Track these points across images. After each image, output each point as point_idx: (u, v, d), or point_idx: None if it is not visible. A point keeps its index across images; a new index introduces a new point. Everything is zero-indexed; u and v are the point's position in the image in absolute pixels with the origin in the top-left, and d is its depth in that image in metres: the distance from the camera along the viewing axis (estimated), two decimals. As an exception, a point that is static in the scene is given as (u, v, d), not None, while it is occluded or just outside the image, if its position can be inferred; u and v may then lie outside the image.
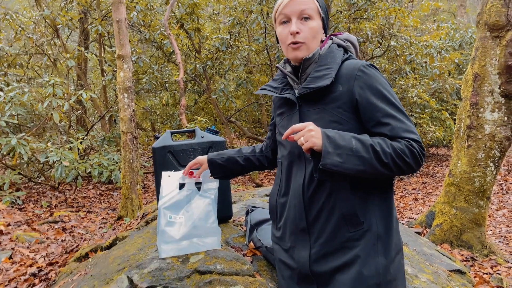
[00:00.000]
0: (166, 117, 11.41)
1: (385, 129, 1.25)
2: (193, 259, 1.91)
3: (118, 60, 4.64)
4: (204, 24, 9.10)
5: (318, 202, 1.32)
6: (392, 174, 1.24)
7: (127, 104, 4.64)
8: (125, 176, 4.74)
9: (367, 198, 1.29)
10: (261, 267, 1.93)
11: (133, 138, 4.71)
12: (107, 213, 5.63)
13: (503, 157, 3.76)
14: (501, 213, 5.98)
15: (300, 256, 1.37)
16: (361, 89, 1.29)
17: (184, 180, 2.05)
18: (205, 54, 9.09)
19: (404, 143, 1.22)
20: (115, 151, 7.85)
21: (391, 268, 1.28)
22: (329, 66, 1.34)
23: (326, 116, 1.31)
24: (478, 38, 3.81)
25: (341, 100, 1.31)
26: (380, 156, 1.18)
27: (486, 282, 2.65)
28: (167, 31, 6.56)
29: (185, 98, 6.34)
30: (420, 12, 8.45)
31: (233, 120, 10.02)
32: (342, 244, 1.28)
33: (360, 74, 1.30)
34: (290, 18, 1.36)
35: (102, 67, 8.94)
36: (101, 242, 3.01)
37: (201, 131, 2.39)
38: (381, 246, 1.28)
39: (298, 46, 1.36)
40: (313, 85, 1.32)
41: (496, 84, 3.65)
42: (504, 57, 3.58)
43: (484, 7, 3.74)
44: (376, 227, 1.28)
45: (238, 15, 7.71)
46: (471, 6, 17.79)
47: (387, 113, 1.26)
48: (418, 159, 1.22)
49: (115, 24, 4.60)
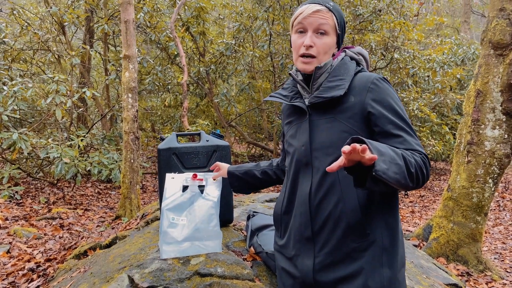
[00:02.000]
0: (166, 119, 11.43)
1: (397, 140, 1.25)
2: (194, 261, 1.93)
3: (124, 60, 4.67)
4: (209, 28, 9.15)
5: (325, 211, 1.32)
6: (411, 187, 1.17)
7: (131, 104, 4.66)
8: (125, 176, 4.75)
9: (373, 209, 1.30)
10: (260, 272, 1.95)
11: (135, 138, 4.73)
12: (104, 212, 5.63)
13: (502, 174, 3.79)
14: (497, 230, 6.00)
15: (303, 265, 1.36)
16: (373, 101, 1.30)
17: (187, 182, 2.07)
18: (209, 58, 9.14)
19: (419, 155, 1.21)
20: (115, 150, 7.87)
21: (396, 281, 1.28)
22: (342, 77, 1.36)
23: (337, 125, 1.32)
24: (482, 56, 3.85)
25: (352, 111, 1.32)
26: (408, 165, 1.12)
27: (481, 297, 2.67)
28: (173, 33, 6.60)
29: (187, 101, 6.37)
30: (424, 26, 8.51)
31: (233, 124, 10.05)
32: (347, 254, 1.28)
33: (373, 86, 1.32)
34: (307, 29, 1.38)
35: (106, 66, 8.97)
36: (100, 240, 3.02)
37: (206, 134, 2.41)
38: (386, 258, 1.28)
39: (309, 61, 1.38)
40: (326, 94, 1.33)
41: (498, 101, 3.69)
42: (507, 75, 3.62)
43: (489, 25, 3.79)
44: (381, 239, 1.28)
45: (244, 21, 7.76)
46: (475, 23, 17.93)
47: (398, 126, 1.27)
48: (428, 174, 1.23)
49: (123, 24, 4.63)
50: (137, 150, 4.80)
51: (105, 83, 8.64)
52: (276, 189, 8.40)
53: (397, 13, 7.56)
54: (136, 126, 4.73)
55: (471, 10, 15.64)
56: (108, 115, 8.19)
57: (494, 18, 3.73)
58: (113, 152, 7.12)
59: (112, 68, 8.98)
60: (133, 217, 4.65)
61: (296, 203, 1.42)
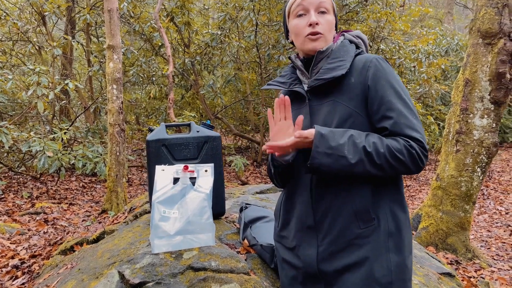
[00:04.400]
0: (151, 111, 11.27)
1: (387, 123, 1.23)
2: (187, 255, 1.87)
3: (108, 51, 4.54)
4: (194, 18, 9.01)
5: (328, 198, 1.28)
6: (385, 175, 1.22)
7: (116, 95, 4.55)
8: (111, 169, 4.65)
9: (378, 193, 1.26)
10: (255, 265, 1.91)
11: (121, 130, 4.63)
12: (90, 206, 5.52)
13: (490, 163, 3.82)
14: (482, 218, 6.08)
15: (306, 255, 1.32)
16: (372, 79, 1.27)
17: (178, 175, 2.01)
18: (194, 49, 9.01)
19: (403, 142, 1.19)
20: (99, 143, 7.72)
21: (404, 267, 1.24)
22: (342, 59, 1.33)
23: (339, 108, 1.29)
24: (470, 45, 3.85)
25: (354, 91, 1.29)
26: (373, 158, 1.18)
27: (474, 286, 2.68)
28: (158, 23, 6.46)
29: (173, 93, 6.26)
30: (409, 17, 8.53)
31: (219, 116, 9.96)
32: (352, 241, 1.24)
33: (372, 65, 1.29)
34: (309, 10, 1.36)
35: (89, 58, 8.76)
36: (87, 235, 2.94)
37: (196, 125, 2.35)
38: (393, 244, 1.24)
39: (317, 38, 1.35)
40: (326, 75, 1.30)
41: (487, 90, 3.70)
42: (495, 64, 3.63)
43: (477, 14, 3.78)
44: (386, 224, 1.25)
45: (230, 11, 7.65)
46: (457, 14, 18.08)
47: (392, 106, 1.24)
48: (416, 160, 1.20)
49: (106, 13, 4.50)
50: (123, 142, 4.70)
51: (88, 75, 8.44)
52: (264, 180, 8.37)
53: (383, 3, 7.54)
54: (121, 118, 4.63)
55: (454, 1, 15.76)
56: (91, 108, 8.01)
57: (483, 7, 3.72)
58: (98, 145, 6.97)
59: (95, 59, 8.78)
60: (120, 211, 4.57)
61: (297, 191, 1.38)
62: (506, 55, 3.60)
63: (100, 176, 6.62)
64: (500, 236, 5.22)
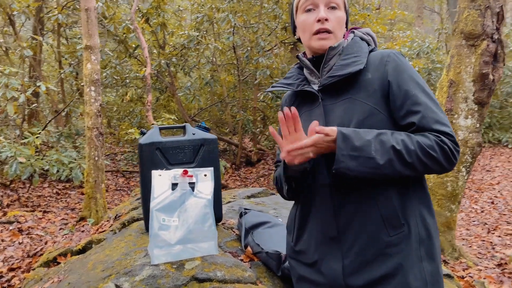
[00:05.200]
0: (125, 114, 11.00)
1: (415, 117, 1.15)
2: (189, 265, 1.77)
3: (86, 51, 4.35)
4: (169, 19, 8.83)
5: (351, 205, 1.18)
6: (418, 174, 1.14)
7: (94, 97, 4.36)
8: (89, 174, 4.45)
9: (405, 195, 1.18)
10: (260, 273, 1.82)
11: (99, 134, 4.44)
12: (66, 213, 5.29)
13: (474, 162, 3.87)
14: (460, 217, 6.20)
15: (331, 269, 1.20)
16: (393, 74, 1.20)
17: (176, 180, 1.91)
18: (169, 50, 8.83)
19: (434, 138, 1.11)
20: (72, 147, 7.44)
21: (439, 275, 1.17)
22: (357, 54, 1.25)
23: (357, 105, 1.20)
24: (454, 46, 3.89)
25: (371, 88, 1.21)
26: (403, 156, 1.09)
27: (471, 286, 2.68)
28: (134, 24, 6.28)
29: (151, 94, 6.09)
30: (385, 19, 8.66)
31: (196, 119, 9.81)
32: (381, 251, 1.14)
33: (390, 60, 1.22)
34: (318, 5, 1.27)
35: (60, 59, 8.45)
36: (70, 245, 2.78)
37: (192, 127, 2.25)
38: (425, 251, 1.15)
39: (326, 37, 1.27)
40: (342, 72, 1.21)
41: (471, 91, 3.74)
42: (479, 65, 3.68)
43: (460, 16, 3.83)
44: (417, 229, 1.15)
45: (207, 12, 7.54)
46: (426, 18, 18.56)
47: (418, 100, 1.16)
48: (449, 156, 1.12)
49: (83, 12, 4.31)
50: (102, 147, 4.51)
51: (59, 77, 8.13)
52: (243, 183, 8.29)
53: (359, 6, 7.61)
54: (100, 121, 4.44)
55: (423, 5, 16.17)
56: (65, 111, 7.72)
57: (466, 9, 3.77)
58: (71, 150, 6.71)
59: (65, 61, 8.47)
60: (99, 218, 4.38)
61: (315, 200, 1.26)
62: (489, 56, 3.66)
63: (74, 182, 6.37)
64: (479, 234, 5.33)
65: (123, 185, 7.73)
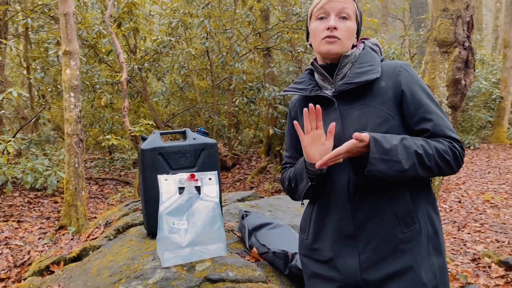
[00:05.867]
0: (94, 120, 10.78)
1: (428, 124, 1.25)
2: (199, 267, 1.80)
3: (65, 57, 4.27)
4: (141, 24, 8.75)
5: (368, 203, 1.24)
6: (432, 176, 1.24)
7: (74, 104, 4.28)
8: (69, 182, 4.36)
9: (416, 195, 1.27)
10: (268, 273, 1.88)
11: (79, 140, 4.36)
12: (41, 223, 5.14)
13: (448, 163, 4.07)
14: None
15: (347, 265, 1.27)
16: (406, 83, 1.29)
17: (182, 184, 1.94)
18: (140, 55, 8.75)
19: (447, 143, 1.22)
20: (42, 155, 7.23)
21: (445, 269, 1.26)
22: (371, 63, 1.33)
23: (371, 111, 1.28)
24: (428, 53, 4.10)
25: (386, 95, 1.29)
26: (424, 160, 1.18)
27: (456, 279, 2.83)
28: (109, 29, 6.21)
29: (127, 100, 6.03)
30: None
31: (170, 124, 9.74)
32: (395, 247, 1.22)
33: (403, 70, 1.31)
34: (329, 14, 1.33)
35: (28, 64, 8.21)
36: (62, 253, 2.73)
37: (192, 132, 2.28)
38: (432, 247, 1.25)
39: (333, 41, 1.33)
40: (359, 79, 1.29)
41: (444, 95, 3.95)
42: (452, 71, 3.89)
43: (433, 24, 4.04)
44: (426, 227, 1.25)
45: (182, 18, 7.54)
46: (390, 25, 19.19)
47: (430, 109, 1.27)
48: (459, 160, 1.23)
49: (62, 17, 4.23)
50: (82, 153, 4.43)
51: (28, 82, 7.90)
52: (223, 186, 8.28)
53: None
54: (79, 127, 4.37)
55: (388, 13, 16.73)
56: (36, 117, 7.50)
57: (438, 17, 3.98)
58: (42, 157, 6.52)
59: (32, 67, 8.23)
60: (80, 226, 4.30)
61: (332, 200, 1.32)
62: (461, 62, 3.88)
63: (47, 190, 6.19)
64: (450, 232, 5.58)
65: (97, 193, 7.57)
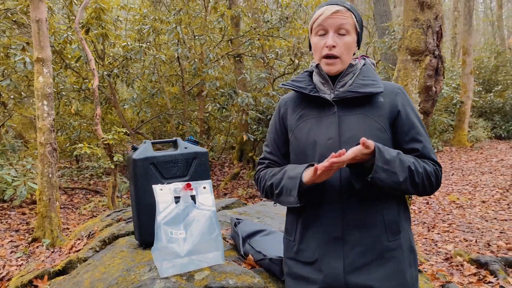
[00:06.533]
0: (60, 127, 10.46)
1: (419, 145, 1.35)
2: (198, 276, 1.81)
3: (37, 64, 4.16)
4: (108, 30, 8.60)
5: (359, 209, 1.30)
6: (415, 193, 1.31)
7: (47, 112, 4.17)
8: (42, 193, 4.23)
9: (401, 208, 1.36)
10: (265, 279, 1.91)
11: (53, 150, 4.25)
12: (11, 235, 4.95)
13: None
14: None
15: (331, 267, 1.30)
16: (402, 104, 1.39)
17: (178, 193, 1.94)
18: (109, 61, 8.61)
19: (433, 166, 1.32)
20: (7, 164, 6.96)
21: (417, 281, 1.35)
22: (374, 78, 1.40)
23: (368, 121, 1.34)
24: (400, 61, 4.26)
25: (383, 110, 1.36)
26: (414, 177, 1.25)
27: (436, 279, 2.95)
28: (79, 35, 6.07)
29: (99, 107, 5.91)
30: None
31: (140, 132, 9.59)
32: (380, 254, 1.28)
33: (400, 92, 1.41)
34: (328, 30, 1.38)
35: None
36: (45, 266, 2.66)
37: (183, 141, 2.28)
38: (413, 259, 1.34)
39: (332, 62, 1.38)
40: (363, 90, 1.35)
41: (417, 102, 4.12)
42: (423, 78, 4.06)
43: (405, 33, 4.21)
44: (408, 238, 1.34)
45: (153, 24, 7.48)
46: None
47: (420, 132, 1.37)
48: (439, 183, 1.33)
49: (34, 23, 4.12)
50: (56, 163, 4.31)
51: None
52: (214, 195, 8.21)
53: (301, 21, 7.97)
54: (53, 136, 4.25)
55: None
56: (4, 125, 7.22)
57: (410, 27, 4.16)
58: (8, 167, 6.28)
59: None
60: (55, 238, 4.17)
61: (323, 203, 1.33)
62: (431, 70, 4.06)
63: (15, 202, 5.97)
64: (421, 232, 5.78)
65: (67, 203, 7.35)
